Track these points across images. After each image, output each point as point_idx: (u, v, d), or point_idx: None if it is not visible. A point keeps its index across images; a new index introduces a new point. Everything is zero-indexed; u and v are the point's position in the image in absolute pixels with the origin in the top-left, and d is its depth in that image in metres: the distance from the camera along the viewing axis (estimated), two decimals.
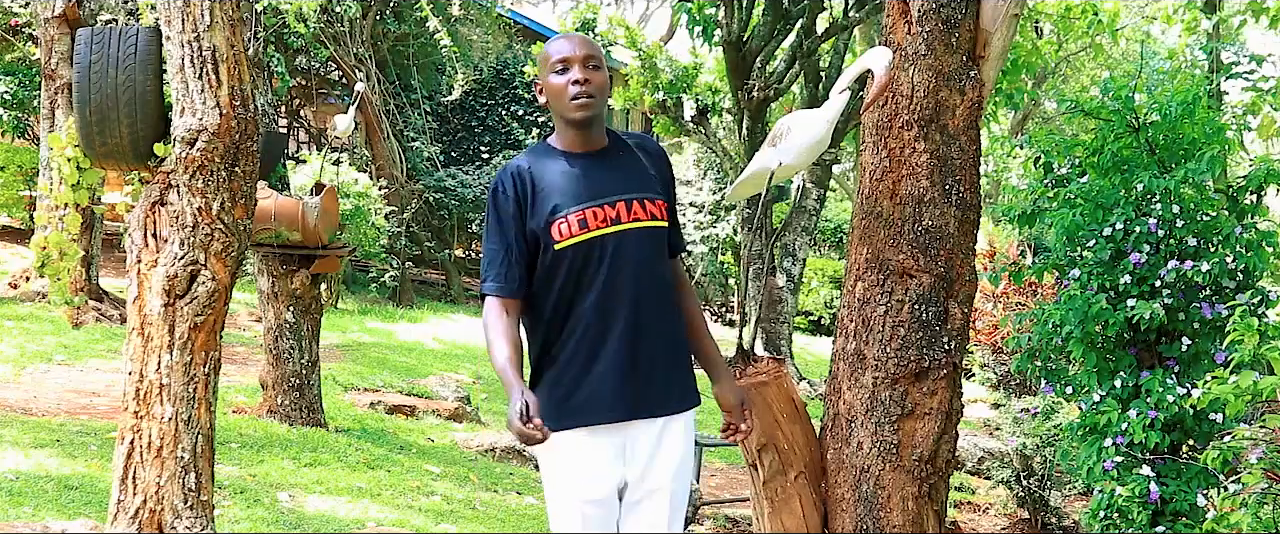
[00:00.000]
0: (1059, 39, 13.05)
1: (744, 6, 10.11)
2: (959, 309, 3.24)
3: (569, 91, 2.53)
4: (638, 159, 2.65)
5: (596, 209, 2.54)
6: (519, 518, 5.16)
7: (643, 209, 2.58)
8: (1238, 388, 3.09)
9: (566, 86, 2.53)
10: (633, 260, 2.55)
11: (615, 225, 2.55)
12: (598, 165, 2.59)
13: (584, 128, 2.58)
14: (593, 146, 2.62)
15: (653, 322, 2.58)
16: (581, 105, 2.53)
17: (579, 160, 2.60)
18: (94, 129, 3.37)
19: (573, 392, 2.58)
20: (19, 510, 4.15)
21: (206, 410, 3.24)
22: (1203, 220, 4.39)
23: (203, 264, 3.20)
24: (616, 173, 2.60)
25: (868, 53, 3.06)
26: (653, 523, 2.61)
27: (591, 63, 2.55)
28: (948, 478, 3.28)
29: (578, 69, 2.53)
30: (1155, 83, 4.83)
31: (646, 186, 2.61)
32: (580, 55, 2.54)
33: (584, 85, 2.52)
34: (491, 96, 15.85)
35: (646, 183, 2.62)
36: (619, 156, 2.64)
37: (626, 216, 2.56)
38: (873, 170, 3.28)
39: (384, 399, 7.13)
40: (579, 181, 2.57)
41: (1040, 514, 6.78)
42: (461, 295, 14.27)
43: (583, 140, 2.60)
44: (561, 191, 2.56)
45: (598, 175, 2.58)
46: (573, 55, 2.54)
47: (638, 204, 2.58)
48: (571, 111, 2.54)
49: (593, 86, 2.53)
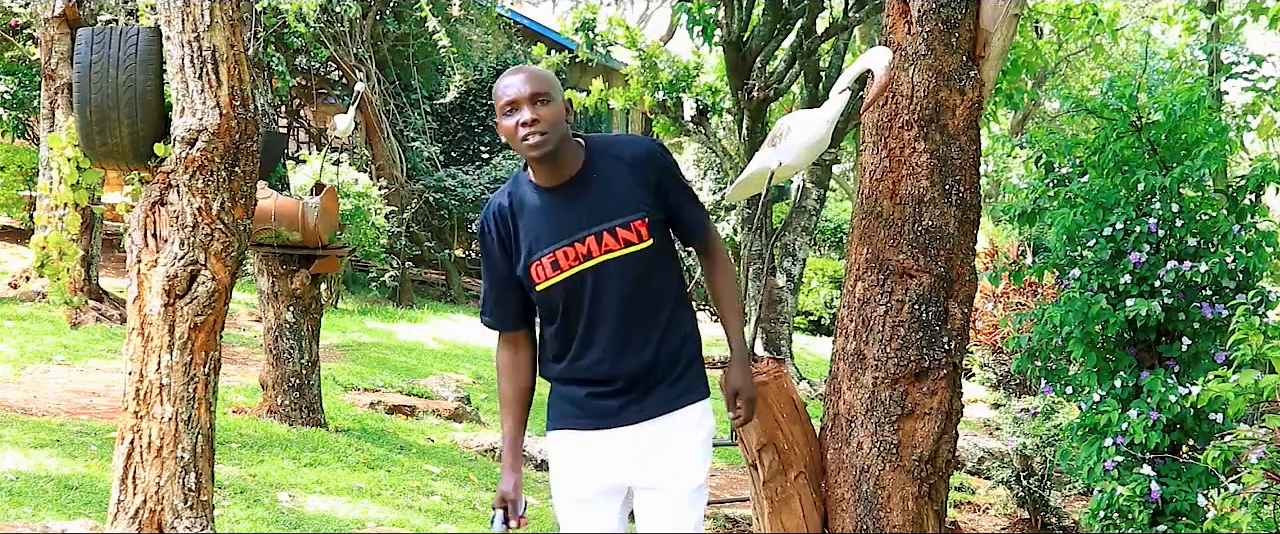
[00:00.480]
0: (1059, 39, 13.05)
1: (744, 6, 10.10)
2: (959, 309, 3.24)
3: (519, 134, 2.51)
4: (613, 177, 2.59)
5: (567, 248, 2.56)
6: None
7: (614, 237, 2.55)
8: (1238, 387, 3.09)
9: (516, 128, 2.51)
10: (613, 289, 2.56)
11: (588, 261, 2.56)
12: (567, 199, 2.58)
13: (548, 162, 2.55)
14: (562, 177, 2.58)
15: (643, 340, 2.59)
16: (533, 145, 2.50)
17: (549, 195, 2.59)
18: (94, 129, 3.37)
19: (566, 400, 2.69)
20: (19, 510, 4.15)
21: (206, 410, 3.24)
22: (1203, 220, 4.39)
23: (203, 264, 3.20)
24: (585, 204, 2.57)
25: (868, 53, 3.06)
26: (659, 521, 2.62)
27: (540, 99, 2.51)
28: (948, 478, 3.28)
29: (526, 109, 2.50)
30: (1156, 83, 4.83)
31: (620, 210, 2.56)
32: (527, 93, 2.51)
33: (533, 125, 2.49)
34: (491, 96, 15.86)
35: (620, 204, 2.56)
36: (591, 182, 2.58)
37: (598, 250, 2.55)
38: (873, 170, 3.28)
39: (384, 399, 7.13)
40: (549, 220, 2.58)
41: (1040, 514, 6.78)
42: (461, 295, 14.26)
43: (549, 173, 2.58)
44: (536, 232, 2.59)
45: (566, 211, 2.57)
46: (520, 96, 2.51)
47: (608, 234, 2.55)
48: (528, 152, 2.52)
49: (543, 123, 2.50)
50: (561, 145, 2.55)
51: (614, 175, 2.59)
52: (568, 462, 2.69)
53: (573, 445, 2.67)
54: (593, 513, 2.68)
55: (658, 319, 2.61)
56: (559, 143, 2.53)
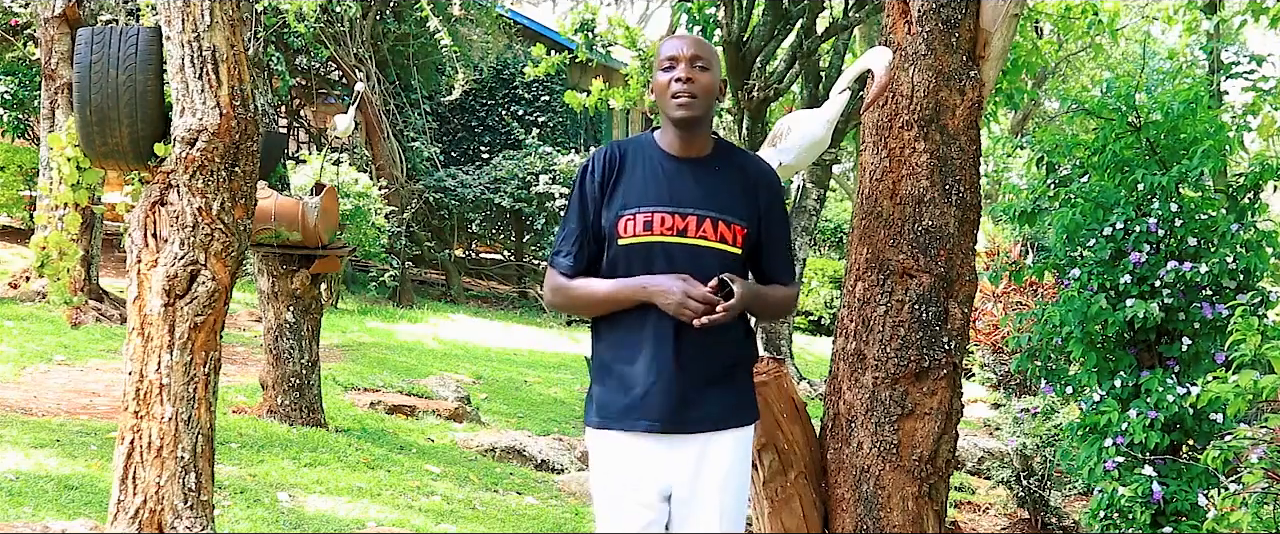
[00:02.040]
0: (1059, 39, 13.06)
1: (744, 6, 10.11)
2: (959, 309, 3.24)
3: (672, 89, 2.51)
4: (735, 179, 2.57)
5: (665, 215, 2.52)
6: (519, 518, 5.16)
7: (713, 229, 2.52)
8: (1238, 387, 3.09)
9: (670, 84, 2.51)
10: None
11: (680, 237, 2.51)
12: (688, 173, 2.55)
13: (685, 129, 2.54)
14: (691, 153, 2.57)
15: (701, 342, 2.51)
16: (682, 104, 2.50)
17: (672, 163, 2.57)
18: (94, 129, 3.37)
19: (617, 396, 2.57)
20: (19, 510, 4.15)
21: (206, 410, 3.23)
22: (1203, 220, 4.39)
23: (203, 264, 3.20)
24: (704, 186, 2.54)
25: (868, 53, 3.06)
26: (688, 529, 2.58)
27: (699, 63, 2.52)
28: (948, 478, 3.28)
29: (684, 67, 2.51)
30: (1156, 83, 4.83)
31: (730, 209, 2.54)
32: (688, 54, 2.52)
33: (687, 84, 2.50)
34: (491, 96, 15.85)
35: (732, 205, 2.54)
36: (716, 172, 2.56)
37: (695, 232, 2.51)
38: (873, 170, 3.28)
39: (384, 399, 7.13)
40: (661, 183, 2.55)
41: (1040, 514, 6.78)
42: (461, 295, 14.26)
43: (682, 144, 2.57)
44: (641, 188, 2.55)
45: (683, 183, 2.54)
46: (681, 53, 2.52)
47: (710, 223, 2.52)
48: (672, 110, 2.52)
49: (696, 86, 2.50)
50: (705, 118, 2.54)
51: (736, 177, 2.58)
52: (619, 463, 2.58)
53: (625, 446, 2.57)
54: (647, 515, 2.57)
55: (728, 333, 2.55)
56: (704, 112, 2.53)
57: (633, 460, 2.56)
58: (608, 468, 2.60)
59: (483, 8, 14.22)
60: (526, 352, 10.95)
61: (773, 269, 2.65)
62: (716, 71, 2.55)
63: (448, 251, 14.43)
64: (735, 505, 2.59)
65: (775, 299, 2.66)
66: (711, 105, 2.54)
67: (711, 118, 2.58)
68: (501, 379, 9.05)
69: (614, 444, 2.58)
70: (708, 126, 2.58)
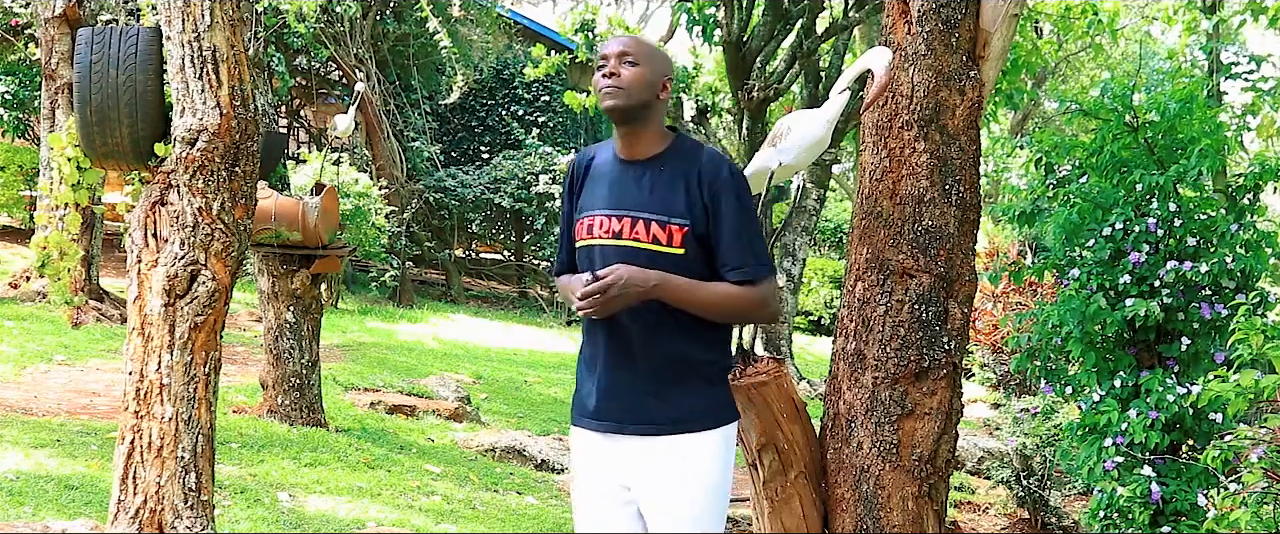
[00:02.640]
0: (1059, 39, 13.06)
1: (744, 6, 10.11)
2: (959, 309, 3.24)
3: (599, 84, 2.56)
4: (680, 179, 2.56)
5: (604, 218, 2.57)
6: (519, 518, 5.16)
7: (647, 231, 2.52)
8: (1238, 386, 3.09)
9: (598, 80, 2.56)
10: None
11: (614, 238, 2.55)
12: (632, 175, 2.58)
13: (618, 122, 2.57)
14: (636, 153, 2.59)
15: (641, 344, 2.53)
16: (606, 95, 2.54)
17: (619, 166, 2.61)
18: (94, 129, 3.37)
19: (578, 391, 2.69)
20: (19, 510, 4.15)
21: (207, 410, 3.23)
22: (1202, 220, 4.39)
23: (203, 264, 3.20)
24: (643, 187, 2.56)
25: (868, 53, 3.06)
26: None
27: (627, 58, 2.54)
28: (948, 478, 3.28)
29: (612, 63, 2.55)
30: (1155, 83, 4.83)
31: (669, 209, 2.53)
32: (616, 50, 2.56)
33: (612, 78, 2.53)
34: (491, 96, 15.85)
35: (671, 205, 2.53)
36: (660, 172, 2.57)
37: (628, 233, 2.54)
38: (873, 170, 3.28)
39: (384, 399, 7.13)
40: (609, 186, 2.60)
41: (1040, 514, 6.79)
42: (461, 295, 14.27)
43: (625, 144, 2.60)
44: (594, 191, 2.63)
45: (626, 185, 2.58)
46: (609, 51, 2.57)
47: (643, 224, 2.53)
48: (600, 101, 2.57)
49: (620, 79, 2.52)
50: (637, 111, 2.55)
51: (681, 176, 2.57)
52: (579, 457, 2.69)
53: (582, 442, 2.68)
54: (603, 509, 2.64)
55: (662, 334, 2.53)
56: (633, 105, 2.54)
57: (587, 454, 2.67)
58: (572, 460, 2.75)
59: (483, 8, 14.22)
60: (526, 352, 10.96)
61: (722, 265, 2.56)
62: (651, 67, 2.55)
63: (448, 252, 14.44)
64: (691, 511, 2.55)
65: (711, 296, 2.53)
66: (643, 99, 2.54)
67: (650, 114, 2.57)
68: (501, 379, 9.05)
69: (575, 438, 2.71)
70: (648, 123, 2.58)
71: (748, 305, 2.56)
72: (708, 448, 2.55)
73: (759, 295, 2.55)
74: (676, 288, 2.51)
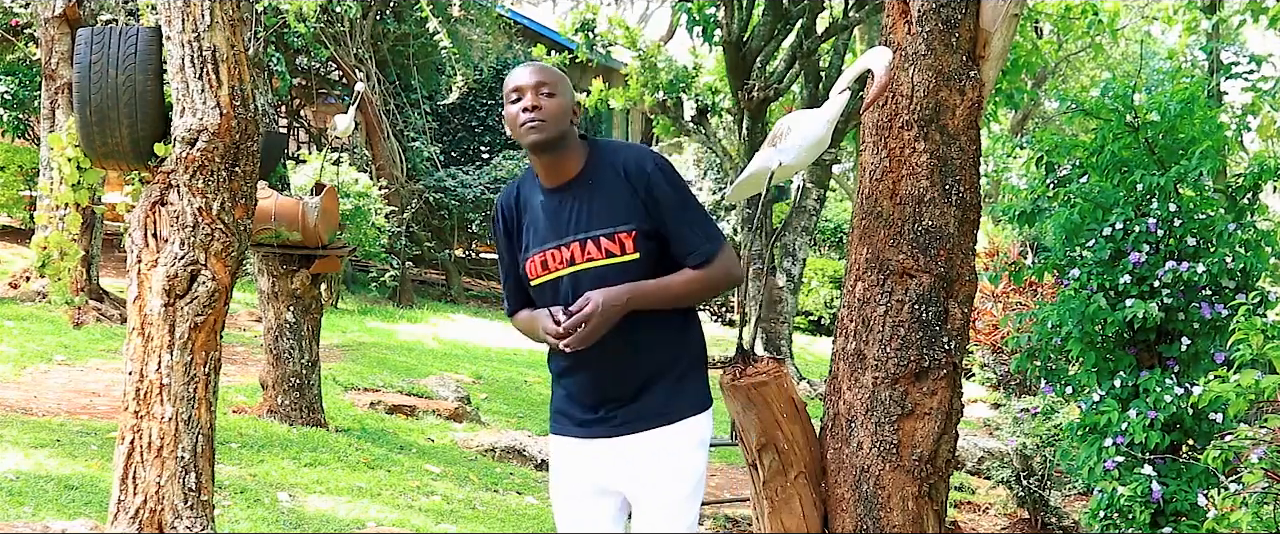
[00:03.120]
0: (1059, 39, 13.06)
1: (744, 6, 10.11)
2: (959, 309, 3.24)
3: (519, 118, 2.55)
4: (610, 186, 2.58)
5: (553, 251, 2.61)
6: (519, 518, 5.16)
7: (597, 247, 2.56)
8: (1238, 387, 3.09)
9: (517, 115, 2.56)
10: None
11: (570, 266, 2.59)
12: (562, 201, 2.61)
13: (541, 154, 2.58)
14: (560, 178, 2.61)
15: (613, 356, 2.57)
16: (532, 127, 2.54)
17: (547, 195, 2.63)
18: (94, 129, 3.36)
19: (557, 401, 2.76)
20: (19, 510, 4.15)
21: (207, 410, 3.23)
22: (1202, 220, 4.39)
23: (203, 264, 3.20)
24: (578, 209, 2.58)
25: (868, 53, 3.05)
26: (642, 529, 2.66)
27: (544, 90, 2.55)
28: (948, 478, 3.28)
29: (530, 96, 2.54)
30: (1155, 83, 4.83)
31: (610, 220, 2.56)
32: (532, 82, 2.56)
33: (535, 111, 2.54)
34: (491, 96, 15.85)
35: (611, 215, 2.56)
36: (587, 188, 2.59)
37: (581, 257, 2.58)
38: (873, 170, 3.28)
39: (384, 399, 7.13)
40: (543, 220, 2.63)
41: (1040, 514, 6.79)
42: (461, 295, 14.26)
43: (548, 171, 2.61)
44: (532, 229, 2.66)
45: (559, 213, 2.61)
46: (524, 84, 2.56)
47: (592, 243, 2.56)
48: (523, 136, 2.56)
49: (543, 112, 2.53)
50: (560, 140, 2.57)
51: (610, 183, 2.59)
52: (559, 464, 2.75)
53: (563, 449, 2.73)
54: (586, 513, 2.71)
55: (636, 338, 2.58)
56: (557, 136, 2.56)
57: (565, 460, 2.73)
58: (552, 465, 2.79)
59: (483, 8, 14.22)
60: (526, 352, 10.96)
61: (680, 252, 2.60)
62: (565, 95, 2.58)
63: (448, 252, 14.43)
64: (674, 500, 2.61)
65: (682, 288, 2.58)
66: (564, 127, 2.57)
67: (569, 137, 2.59)
68: (501, 379, 9.05)
69: (554, 445, 2.77)
70: (567, 147, 2.59)
71: (715, 281, 2.64)
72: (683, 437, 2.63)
73: (721, 269, 2.63)
74: (648, 293, 2.56)
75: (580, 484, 2.70)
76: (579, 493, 2.71)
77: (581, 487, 2.70)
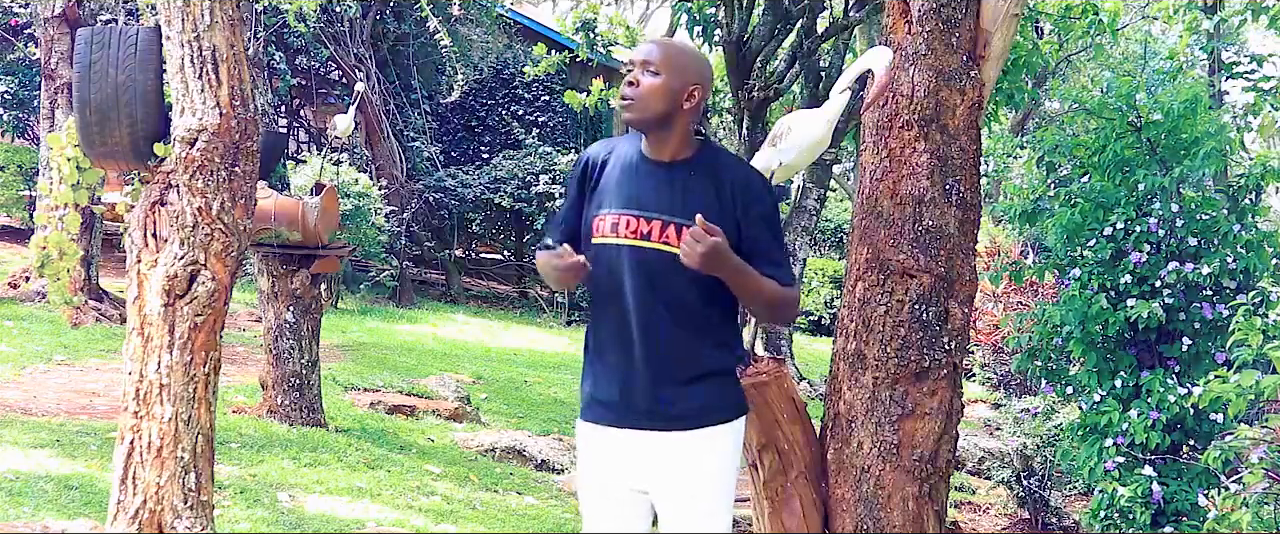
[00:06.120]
0: (1059, 39, 13.04)
1: (744, 6, 10.11)
2: (959, 309, 3.23)
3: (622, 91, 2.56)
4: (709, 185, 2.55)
5: (632, 218, 2.55)
6: (519, 518, 5.16)
7: (677, 235, 2.50)
8: (1239, 386, 3.09)
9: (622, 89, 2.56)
10: (652, 281, 2.52)
11: (644, 241, 2.53)
12: (659, 177, 2.56)
13: (642, 131, 2.56)
14: (663, 155, 2.57)
15: (663, 343, 2.54)
16: (623, 107, 2.55)
17: (645, 165, 2.58)
18: (94, 129, 3.36)
19: (587, 385, 2.68)
20: (19, 510, 4.15)
21: (206, 410, 3.23)
22: (1203, 220, 4.39)
23: (203, 264, 3.19)
24: (673, 191, 2.54)
25: (868, 53, 3.05)
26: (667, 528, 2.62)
27: (649, 68, 2.53)
28: (948, 478, 3.27)
29: (636, 71, 2.54)
30: (1156, 83, 4.83)
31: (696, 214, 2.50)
32: (639, 58, 2.55)
33: (630, 87, 2.54)
34: (491, 96, 15.84)
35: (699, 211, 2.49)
36: (688, 177, 2.55)
37: (658, 237, 2.52)
38: (873, 170, 3.28)
39: (384, 399, 7.13)
40: (633, 185, 2.57)
41: (1040, 514, 6.78)
42: (461, 295, 14.26)
43: (652, 146, 2.58)
44: (615, 189, 2.59)
45: (652, 186, 2.55)
46: (634, 58, 2.56)
47: (674, 228, 2.51)
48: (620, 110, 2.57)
49: (636, 90, 2.52)
50: (655, 123, 2.54)
51: (708, 185, 2.56)
52: (587, 452, 2.68)
53: (592, 437, 2.67)
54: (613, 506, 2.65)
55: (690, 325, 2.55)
56: (650, 118, 2.53)
57: (594, 450, 2.66)
58: (579, 455, 2.73)
59: (483, 8, 14.21)
60: (526, 352, 10.95)
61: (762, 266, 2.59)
62: (674, 75, 2.52)
63: (448, 251, 14.43)
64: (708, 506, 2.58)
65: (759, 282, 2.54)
66: (661, 110, 2.52)
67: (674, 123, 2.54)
68: (501, 379, 9.05)
69: (582, 433, 2.69)
70: (672, 131, 2.56)
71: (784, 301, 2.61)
72: (720, 443, 2.59)
73: (794, 295, 2.63)
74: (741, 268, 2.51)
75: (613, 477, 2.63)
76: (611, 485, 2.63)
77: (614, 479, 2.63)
